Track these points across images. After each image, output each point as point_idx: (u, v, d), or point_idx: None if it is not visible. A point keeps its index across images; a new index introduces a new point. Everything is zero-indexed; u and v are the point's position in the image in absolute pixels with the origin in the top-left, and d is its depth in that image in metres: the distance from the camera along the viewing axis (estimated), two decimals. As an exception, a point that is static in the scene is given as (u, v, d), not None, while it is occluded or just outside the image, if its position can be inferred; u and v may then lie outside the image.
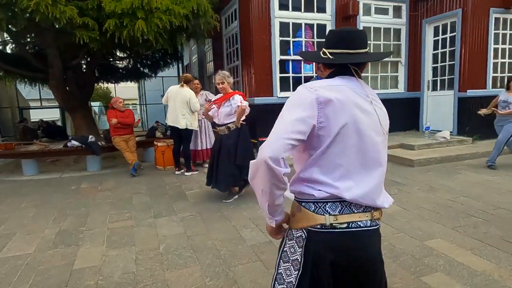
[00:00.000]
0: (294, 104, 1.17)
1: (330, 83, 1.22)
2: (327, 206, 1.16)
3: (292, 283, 1.18)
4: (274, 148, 1.09)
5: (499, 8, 7.07)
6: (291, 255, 1.21)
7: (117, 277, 2.56)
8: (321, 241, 1.15)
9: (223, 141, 4.16)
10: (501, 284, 2.32)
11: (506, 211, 3.63)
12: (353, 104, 1.17)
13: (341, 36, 1.27)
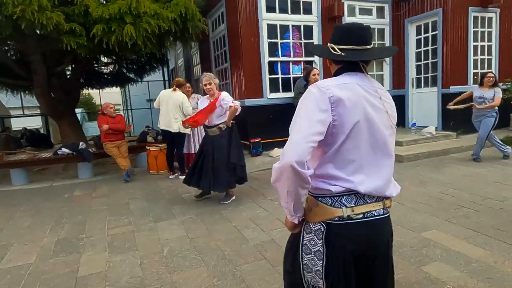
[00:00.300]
0: (309, 105, 1.21)
1: (341, 81, 1.27)
2: (343, 199, 1.23)
3: (320, 271, 1.25)
4: (298, 151, 1.13)
5: (477, 7, 7.35)
6: (312, 247, 1.27)
7: (125, 282, 2.56)
8: (341, 232, 1.23)
9: (216, 142, 4.15)
10: (496, 269, 2.45)
11: (494, 201, 3.80)
12: (364, 101, 1.23)
13: (350, 32, 1.31)
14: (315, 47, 1.37)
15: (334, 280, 1.24)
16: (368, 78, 1.32)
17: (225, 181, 4.13)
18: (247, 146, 6.98)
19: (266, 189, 4.73)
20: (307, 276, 1.30)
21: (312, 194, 1.30)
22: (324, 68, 7.29)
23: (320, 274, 1.25)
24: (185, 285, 2.47)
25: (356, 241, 1.23)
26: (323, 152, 1.26)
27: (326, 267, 1.24)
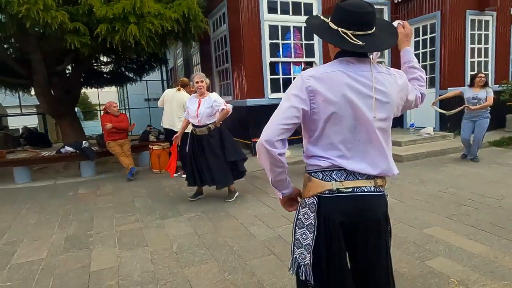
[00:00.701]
0: (290, 92, 1.31)
1: (326, 69, 1.30)
2: (333, 174, 1.31)
3: (309, 245, 1.31)
4: (269, 132, 1.27)
5: (474, 10, 7.50)
6: (305, 220, 1.34)
7: (137, 276, 2.63)
8: (330, 204, 1.30)
9: (205, 141, 4.19)
10: (497, 263, 2.54)
11: (492, 200, 3.91)
12: (346, 89, 1.26)
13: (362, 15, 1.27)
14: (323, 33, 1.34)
15: (321, 254, 1.30)
16: (367, 63, 1.32)
17: (223, 179, 4.19)
18: (248, 146, 7.06)
19: (269, 188, 4.80)
20: (296, 252, 1.35)
21: (307, 171, 1.39)
22: (324, 69, 7.38)
23: (309, 248, 1.30)
24: (197, 279, 2.53)
25: (344, 213, 1.29)
26: (309, 136, 1.36)
27: (316, 240, 1.30)
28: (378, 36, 1.32)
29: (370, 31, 1.29)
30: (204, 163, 4.19)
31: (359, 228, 1.32)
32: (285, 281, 2.45)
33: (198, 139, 4.24)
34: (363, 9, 1.27)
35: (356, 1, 1.29)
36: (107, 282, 2.56)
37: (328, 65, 1.33)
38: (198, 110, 4.12)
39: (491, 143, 6.89)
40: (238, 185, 4.91)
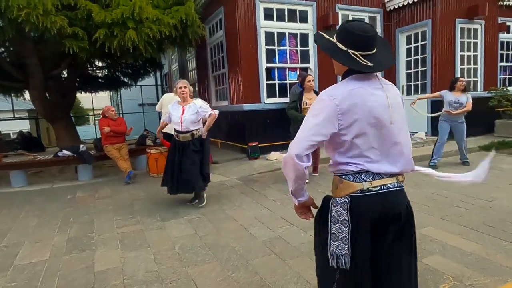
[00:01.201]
0: (317, 111, 1.45)
1: (348, 87, 1.44)
2: (363, 175, 1.47)
3: (346, 237, 1.46)
4: (298, 147, 1.43)
5: (464, 19, 7.75)
6: (338, 217, 1.48)
7: (142, 276, 2.68)
8: (362, 202, 1.46)
9: (187, 148, 4.18)
10: (490, 261, 2.66)
11: (483, 201, 4.05)
12: (369, 104, 1.42)
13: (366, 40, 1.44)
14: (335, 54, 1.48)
15: (358, 244, 1.46)
16: (375, 77, 1.50)
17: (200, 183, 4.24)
18: (244, 150, 7.14)
19: (267, 191, 4.89)
20: (332, 245, 1.49)
21: (337, 174, 1.54)
22: (319, 74, 7.53)
23: (346, 240, 1.46)
24: (201, 278, 2.60)
25: (375, 209, 1.45)
26: (336, 149, 1.51)
27: (351, 233, 1.45)
28: (380, 55, 1.48)
29: (373, 51, 1.46)
30: (183, 166, 4.17)
31: (385, 221, 1.48)
32: (287, 278, 2.53)
33: (181, 145, 4.23)
34: (368, 32, 1.44)
35: (360, 24, 1.46)
36: (112, 282, 2.61)
37: (344, 84, 1.48)
38: (182, 116, 4.11)
39: (481, 148, 7.09)
40: (238, 188, 5.01)
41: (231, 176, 5.84)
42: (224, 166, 6.63)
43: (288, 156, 1.45)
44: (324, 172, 5.62)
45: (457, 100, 5.58)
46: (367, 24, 1.49)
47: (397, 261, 1.51)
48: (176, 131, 4.23)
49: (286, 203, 4.26)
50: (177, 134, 4.23)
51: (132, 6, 5.78)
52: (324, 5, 7.54)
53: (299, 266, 2.70)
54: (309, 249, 2.99)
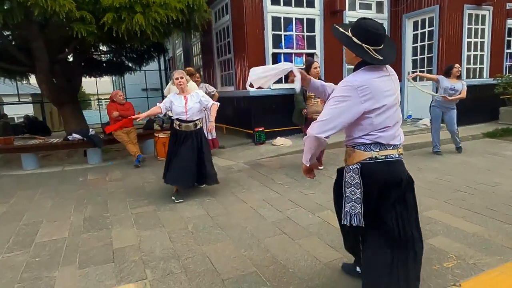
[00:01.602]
0: (342, 97, 1.74)
1: (366, 76, 1.74)
2: (372, 146, 1.80)
3: (359, 198, 1.82)
4: (328, 129, 1.75)
5: (472, 5, 7.69)
6: (351, 181, 1.84)
7: (159, 252, 2.81)
8: (371, 167, 1.80)
9: (193, 137, 4.11)
10: (491, 241, 2.77)
11: (486, 186, 4.15)
12: (383, 90, 1.75)
13: (378, 37, 1.75)
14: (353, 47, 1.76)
15: (369, 203, 1.81)
16: (384, 67, 1.81)
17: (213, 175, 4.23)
18: (251, 135, 7.23)
19: (274, 175, 5.00)
20: (347, 207, 1.84)
21: (350, 145, 1.88)
22: (325, 60, 7.54)
23: (359, 200, 1.81)
24: (216, 255, 2.73)
25: (381, 173, 1.80)
26: (355, 127, 1.82)
27: (363, 194, 1.80)
28: (386, 50, 1.78)
29: (381, 46, 1.77)
30: (194, 158, 4.10)
31: (389, 185, 1.80)
32: (297, 256, 2.66)
33: (185, 136, 4.11)
34: (379, 30, 1.75)
35: (373, 23, 1.75)
36: (131, 258, 2.74)
37: (362, 73, 1.77)
38: (186, 105, 4.04)
39: (485, 135, 7.15)
40: (246, 172, 5.13)
41: (238, 160, 5.94)
42: (230, 151, 6.73)
43: (319, 135, 1.75)
44: (325, 162, 5.71)
45: (453, 87, 5.55)
46: (378, 23, 1.76)
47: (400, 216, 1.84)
48: (179, 120, 4.12)
49: (294, 187, 4.38)
50: (180, 123, 4.12)
51: (140, -11, 5.78)
52: (331, -10, 7.47)
53: (308, 245, 2.82)
54: (317, 229, 3.13)
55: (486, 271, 2.37)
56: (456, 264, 2.47)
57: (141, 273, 2.51)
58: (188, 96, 4.11)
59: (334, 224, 3.19)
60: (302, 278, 2.36)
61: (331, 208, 3.57)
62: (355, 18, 7.81)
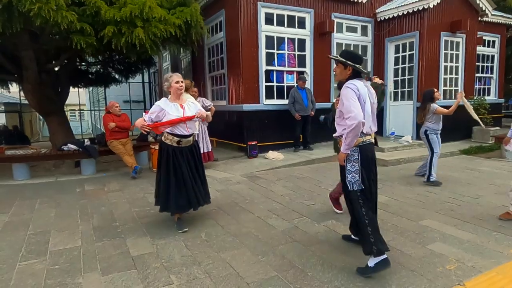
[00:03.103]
0: (351, 97, 2.59)
1: (359, 84, 2.66)
2: (360, 133, 2.63)
3: (358, 169, 2.69)
4: (359, 116, 2.52)
5: (448, 32, 8.36)
6: (351, 158, 2.71)
7: (178, 259, 2.90)
8: (363, 148, 2.70)
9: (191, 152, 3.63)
10: (483, 247, 3.07)
11: (470, 198, 4.51)
12: (367, 93, 2.70)
13: (361, 59, 2.80)
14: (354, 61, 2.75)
15: (364, 173, 2.68)
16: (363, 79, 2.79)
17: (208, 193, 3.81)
18: (243, 148, 7.41)
19: (273, 187, 5.18)
20: (348, 177, 2.72)
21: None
22: (315, 78, 7.92)
23: (357, 171, 2.69)
24: (235, 261, 2.85)
25: (368, 151, 2.73)
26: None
27: (360, 166, 2.68)
28: (363, 67, 2.76)
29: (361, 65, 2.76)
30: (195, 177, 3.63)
31: (372, 160, 2.75)
32: (313, 261, 2.83)
33: (183, 152, 3.55)
34: (361, 56, 2.86)
35: (356, 52, 3.08)
36: (152, 264, 2.82)
37: (355, 82, 2.66)
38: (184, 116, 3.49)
39: (461, 152, 7.69)
40: (245, 184, 5.27)
41: (234, 173, 6.09)
42: (224, 163, 6.86)
43: (359, 122, 2.51)
44: (319, 174, 5.94)
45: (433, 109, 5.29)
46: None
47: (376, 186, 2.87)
48: (177, 135, 3.50)
49: (294, 198, 4.58)
50: (180, 140, 3.51)
51: (141, 5, 5.93)
52: (321, 13, 7.93)
53: (321, 251, 3.01)
54: (326, 237, 3.33)
55: (484, 272, 2.64)
56: (457, 266, 2.73)
57: (167, 278, 2.60)
58: (184, 105, 3.56)
59: (341, 232, 3.41)
60: (322, 281, 2.54)
61: (334, 217, 3.83)
62: (342, 40, 8.41)
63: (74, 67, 9.96)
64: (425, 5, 7.81)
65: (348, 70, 2.73)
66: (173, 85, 3.48)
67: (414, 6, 8.00)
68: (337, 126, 2.82)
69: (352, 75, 2.71)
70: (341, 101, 2.66)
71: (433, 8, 8.00)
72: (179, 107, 3.52)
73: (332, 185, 5.24)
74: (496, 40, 10.74)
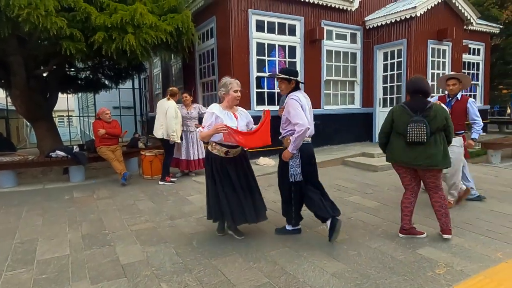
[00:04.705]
0: (297, 107, 3.14)
1: (300, 95, 3.24)
2: None
3: (299, 164, 3.27)
4: (307, 123, 3.10)
5: (434, 40, 8.55)
6: (295, 156, 3.26)
7: (169, 267, 2.87)
8: (304, 146, 3.27)
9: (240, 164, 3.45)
10: (472, 251, 3.12)
11: (459, 204, 4.58)
12: (306, 102, 3.29)
13: (297, 73, 3.40)
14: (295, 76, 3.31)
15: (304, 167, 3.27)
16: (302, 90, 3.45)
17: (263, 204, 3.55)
18: (234, 155, 7.39)
19: (264, 193, 5.07)
20: (291, 170, 3.28)
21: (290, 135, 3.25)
22: (306, 85, 7.97)
23: (298, 166, 3.27)
24: (226, 268, 2.84)
25: (309, 149, 3.36)
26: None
27: (300, 161, 3.27)
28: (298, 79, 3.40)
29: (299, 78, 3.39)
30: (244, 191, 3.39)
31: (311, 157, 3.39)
32: (305, 267, 2.84)
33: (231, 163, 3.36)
34: (297, 71, 3.46)
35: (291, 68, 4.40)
36: (143, 272, 2.78)
37: (298, 94, 3.25)
38: (238, 125, 3.31)
39: (449, 157, 7.81)
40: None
41: (226, 179, 6.06)
42: (215, 169, 6.83)
43: (304, 127, 3.07)
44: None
45: None
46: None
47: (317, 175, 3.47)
48: (225, 146, 3.29)
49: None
50: (228, 150, 3.31)
51: (132, 11, 5.93)
52: (311, 20, 8.04)
53: (312, 257, 3.02)
54: (318, 243, 3.34)
55: (472, 276, 2.68)
56: (446, 271, 2.76)
57: (157, 286, 2.57)
58: (237, 114, 3.41)
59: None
60: (314, 287, 2.54)
61: (325, 223, 3.82)
62: (332, 47, 8.52)
63: (63, 72, 9.88)
64: (412, 14, 7.99)
65: (291, 84, 3.29)
66: (231, 93, 3.31)
67: (401, 14, 8.17)
68: (282, 129, 3.37)
69: (295, 87, 3.30)
70: (286, 110, 3.21)
71: (420, 17, 8.19)
72: (233, 116, 3.34)
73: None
74: (481, 48, 11.03)
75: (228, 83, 3.33)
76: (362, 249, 3.18)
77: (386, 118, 3.44)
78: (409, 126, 3.15)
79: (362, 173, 6.52)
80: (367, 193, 5.17)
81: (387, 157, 3.62)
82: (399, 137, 3.32)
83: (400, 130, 3.28)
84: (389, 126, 3.38)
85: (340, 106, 8.91)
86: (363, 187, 5.52)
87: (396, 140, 3.37)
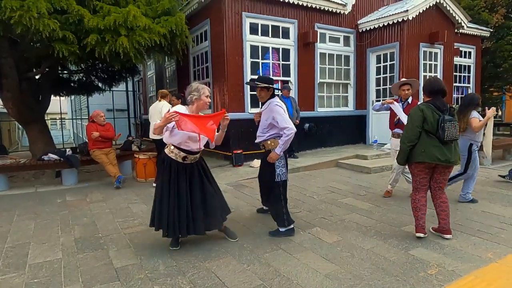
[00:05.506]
0: (282, 113, 3.44)
1: (279, 101, 3.53)
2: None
3: (284, 164, 3.58)
4: (294, 127, 3.43)
5: (426, 43, 8.65)
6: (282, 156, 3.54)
7: (163, 270, 2.87)
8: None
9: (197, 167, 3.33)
10: (463, 251, 3.16)
11: (450, 205, 4.61)
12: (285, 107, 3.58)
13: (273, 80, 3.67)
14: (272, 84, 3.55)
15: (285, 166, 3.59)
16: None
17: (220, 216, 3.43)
18: (229, 157, 7.40)
19: (258, 195, 5.15)
20: (277, 171, 3.52)
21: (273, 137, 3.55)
22: (299, 87, 8.03)
23: (284, 166, 3.57)
24: (220, 271, 2.84)
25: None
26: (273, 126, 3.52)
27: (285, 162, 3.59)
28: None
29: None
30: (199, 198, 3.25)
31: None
32: (298, 269, 2.85)
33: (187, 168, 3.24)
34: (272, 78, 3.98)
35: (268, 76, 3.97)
36: (136, 276, 2.77)
37: (277, 100, 3.54)
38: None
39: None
40: (230, 193, 5.26)
41: (220, 181, 6.02)
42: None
43: (293, 132, 3.37)
44: (304, 182, 5.98)
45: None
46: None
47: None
48: (184, 151, 3.17)
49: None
50: (186, 156, 3.19)
51: (126, 14, 5.91)
52: (304, 23, 8.09)
53: (306, 259, 3.03)
54: (311, 245, 3.35)
55: (464, 276, 2.71)
56: (438, 271, 2.79)
57: (151, 290, 2.56)
58: None
59: (326, 240, 3.45)
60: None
61: (319, 225, 3.86)
62: (325, 50, 8.58)
63: (56, 75, 9.81)
64: (404, 17, 8.08)
65: (270, 91, 3.55)
66: (203, 98, 3.21)
67: (394, 18, 8.26)
68: (261, 133, 3.60)
69: (273, 94, 3.58)
70: (270, 116, 3.44)
71: (412, 20, 8.28)
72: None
73: (317, 192, 5.31)
74: (472, 51, 11.18)
75: (201, 88, 3.22)
76: (355, 251, 3.20)
77: (414, 118, 3.32)
78: (446, 125, 3.19)
79: (355, 175, 6.56)
80: (361, 195, 5.20)
81: (417, 157, 3.35)
82: (430, 136, 3.31)
83: (431, 129, 3.27)
84: (422, 125, 3.30)
85: (334, 108, 8.97)
86: (356, 189, 5.56)
87: (428, 139, 3.31)
